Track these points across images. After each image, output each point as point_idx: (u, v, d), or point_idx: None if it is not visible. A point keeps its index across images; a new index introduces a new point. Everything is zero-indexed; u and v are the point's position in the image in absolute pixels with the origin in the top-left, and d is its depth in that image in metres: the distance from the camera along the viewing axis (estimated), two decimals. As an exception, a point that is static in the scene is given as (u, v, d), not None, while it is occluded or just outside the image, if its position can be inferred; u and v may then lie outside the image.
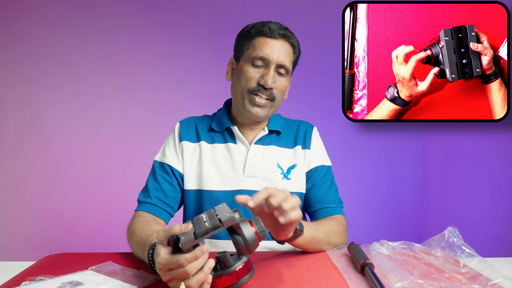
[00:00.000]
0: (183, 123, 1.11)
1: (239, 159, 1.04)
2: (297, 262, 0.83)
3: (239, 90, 1.02)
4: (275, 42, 1.00)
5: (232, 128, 1.06)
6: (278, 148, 1.08)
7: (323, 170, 1.09)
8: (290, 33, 1.03)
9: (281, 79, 1.02)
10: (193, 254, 0.60)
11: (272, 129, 1.08)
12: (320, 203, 1.05)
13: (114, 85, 2.20)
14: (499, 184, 1.95)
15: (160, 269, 0.62)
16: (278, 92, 1.01)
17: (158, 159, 1.08)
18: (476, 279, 0.72)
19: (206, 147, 1.06)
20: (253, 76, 0.99)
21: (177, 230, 0.62)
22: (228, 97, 1.15)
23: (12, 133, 2.15)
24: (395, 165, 2.31)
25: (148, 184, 1.04)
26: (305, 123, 1.13)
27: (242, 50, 1.04)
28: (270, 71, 0.99)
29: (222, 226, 0.62)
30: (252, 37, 1.02)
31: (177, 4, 2.19)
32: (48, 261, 0.87)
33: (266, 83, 0.98)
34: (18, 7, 2.13)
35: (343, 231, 0.99)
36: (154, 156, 1.09)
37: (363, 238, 0.96)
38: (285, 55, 1.00)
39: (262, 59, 0.99)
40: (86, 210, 2.18)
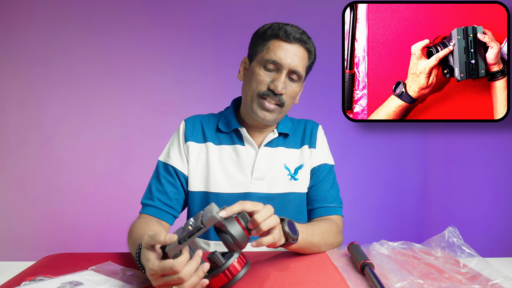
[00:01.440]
0: (188, 122, 1.08)
1: (247, 161, 1.03)
2: (297, 262, 0.83)
3: (249, 93, 0.99)
4: (290, 47, 0.97)
5: (240, 130, 1.05)
6: (286, 149, 1.07)
7: (326, 168, 1.09)
8: (307, 38, 0.99)
9: (292, 85, 0.99)
10: (186, 259, 0.59)
11: (282, 132, 1.07)
12: (319, 202, 1.05)
13: (114, 85, 2.20)
14: (499, 184, 1.95)
15: (152, 275, 0.61)
16: (288, 98, 0.99)
17: (162, 159, 1.06)
18: (476, 279, 0.72)
19: (213, 148, 1.05)
20: (263, 80, 0.97)
21: (161, 240, 0.61)
22: (229, 96, 1.14)
23: (12, 133, 2.15)
24: (395, 165, 2.31)
25: (151, 186, 1.03)
26: (311, 122, 1.13)
27: (256, 51, 1.01)
28: (281, 76, 0.96)
29: (204, 227, 0.61)
30: (267, 39, 0.98)
31: (177, 4, 2.19)
32: (48, 261, 0.86)
33: (276, 88, 0.96)
34: (18, 7, 2.13)
35: (338, 232, 0.98)
36: (154, 156, 1.09)
37: (363, 238, 0.96)
38: (298, 60, 0.97)
39: (275, 63, 0.96)
40: (86, 210, 2.18)
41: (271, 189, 1.03)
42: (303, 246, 0.84)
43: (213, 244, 1.02)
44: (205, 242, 1.04)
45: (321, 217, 1.04)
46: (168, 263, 0.59)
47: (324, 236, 0.90)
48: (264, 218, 0.68)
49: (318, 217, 1.04)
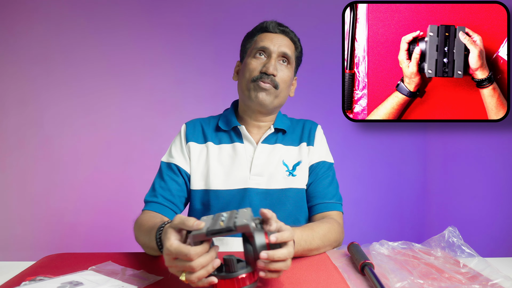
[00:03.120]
0: (189, 124, 1.13)
1: (245, 158, 1.06)
2: (297, 262, 0.83)
3: (244, 83, 1.05)
4: (275, 36, 1.06)
5: (239, 127, 1.08)
6: (284, 147, 1.09)
7: (325, 166, 1.10)
8: (289, 30, 1.08)
9: (283, 69, 1.05)
10: (203, 251, 0.60)
11: (278, 128, 1.10)
12: (319, 198, 1.05)
13: (114, 85, 2.20)
14: (499, 184, 1.96)
15: (167, 255, 0.63)
16: (281, 82, 1.04)
17: (165, 160, 1.09)
18: (476, 279, 0.72)
19: (213, 148, 1.08)
20: (255, 67, 1.04)
21: (189, 224, 0.62)
22: (229, 96, 1.15)
23: (12, 133, 2.15)
24: (395, 165, 2.31)
25: (155, 184, 1.06)
26: (310, 121, 1.16)
27: (245, 48, 1.10)
28: (271, 60, 1.03)
29: (235, 230, 0.61)
30: (254, 35, 1.08)
31: (177, 4, 2.19)
32: (48, 261, 0.86)
33: (268, 69, 1.01)
34: (18, 7, 2.13)
35: (340, 231, 0.98)
36: (154, 156, 1.10)
37: (363, 238, 0.96)
38: (285, 46, 1.05)
39: (263, 49, 1.04)
40: (86, 210, 2.18)
41: (270, 185, 1.04)
42: (302, 252, 0.85)
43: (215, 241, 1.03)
44: None
45: (321, 213, 1.04)
46: (185, 249, 0.60)
47: (324, 239, 0.90)
48: (282, 258, 0.64)
49: (318, 213, 1.04)
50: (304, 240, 0.84)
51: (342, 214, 1.06)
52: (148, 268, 0.79)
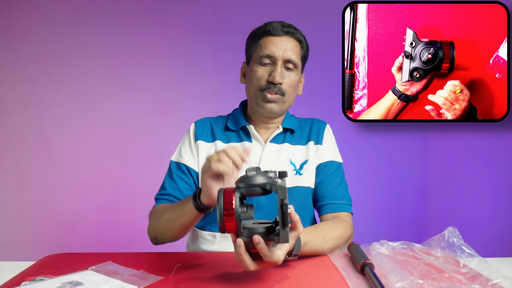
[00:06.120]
0: (198, 123, 1.13)
1: (254, 157, 1.07)
2: (297, 262, 0.83)
3: (252, 91, 1.06)
4: (280, 39, 1.03)
5: (248, 127, 1.09)
6: (291, 146, 1.10)
7: (334, 165, 1.10)
8: (294, 29, 1.06)
9: (290, 74, 1.04)
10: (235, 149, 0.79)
11: (287, 127, 1.10)
12: (328, 198, 1.06)
13: (114, 85, 2.19)
14: (499, 184, 1.96)
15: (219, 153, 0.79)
16: (287, 87, 1.04)
17: (175, 159, 1.10)
18: (476, 279, 0.72)
19: (221, 146, 1.09)
20: (262, 75, 1.03)
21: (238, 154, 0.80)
22: (229, 97, 1.15)
23: (12, 133, 2.15)
24: (395, 165, 2.30)
25: (165, 183, 1.07)
26: (318, 120, 1.16)
27: (250, 52, 1.08)
28: (277, 68, 1.02)
29: (275, 186, 0.66)
30: (258, 38, 1.06)
31: (177, 4, 2.19)
32: (48, 261, 0.87)
33: (274, 78, 1.01)
34: (18, 7, 2.13)
35: (351, 233, 0.99)
36: (154, 156, 1.10)
37: (363, 238, 0.96)
38: (290, 50, 1.03)
39: (268, 57, 1.03)
40: (86, 210, 2.18)
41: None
42: (312, 252, 0.86)
43: (219, 236, 1.03)
44: (211, 234, 1.05)
45: (331, 213, 1.04)
46: (230, 147, 0.80)
47: (338, 240, 0.91)
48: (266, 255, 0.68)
49: (328, 213, 1.05)
50: (316, 239, 0.86)
51: (351, 215, 1.07)
52: (148, 268, 0.79)
